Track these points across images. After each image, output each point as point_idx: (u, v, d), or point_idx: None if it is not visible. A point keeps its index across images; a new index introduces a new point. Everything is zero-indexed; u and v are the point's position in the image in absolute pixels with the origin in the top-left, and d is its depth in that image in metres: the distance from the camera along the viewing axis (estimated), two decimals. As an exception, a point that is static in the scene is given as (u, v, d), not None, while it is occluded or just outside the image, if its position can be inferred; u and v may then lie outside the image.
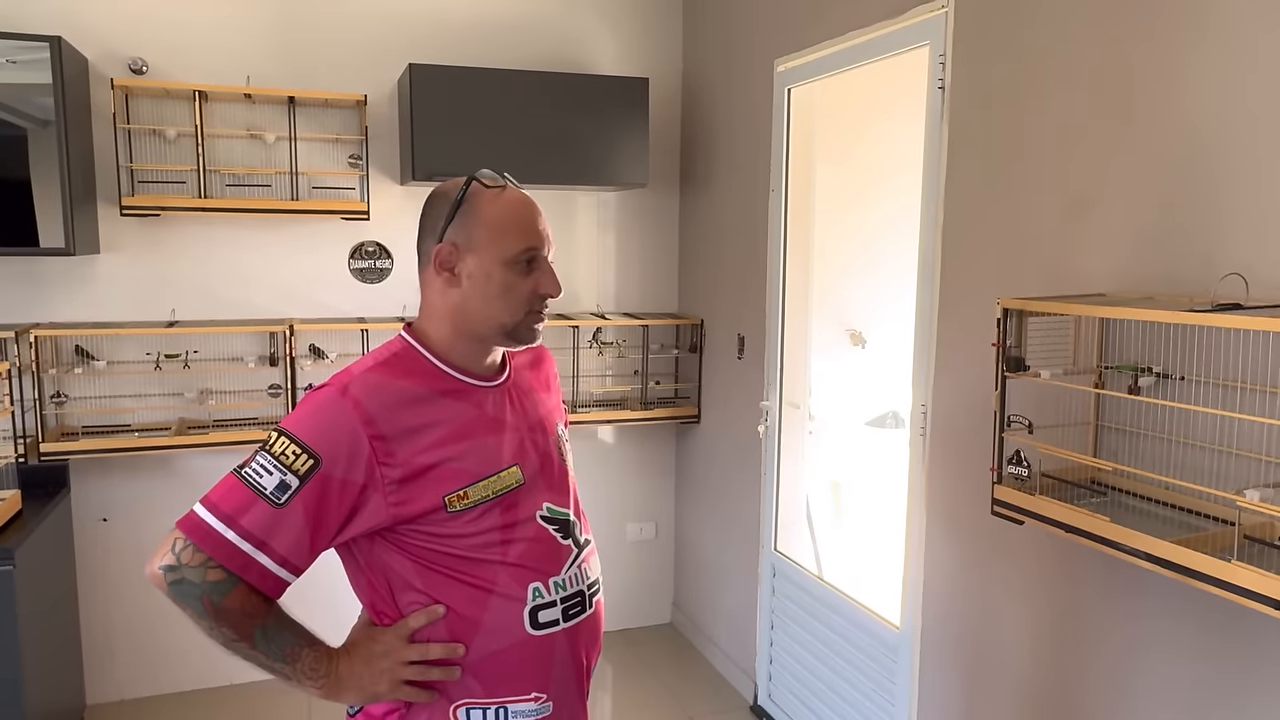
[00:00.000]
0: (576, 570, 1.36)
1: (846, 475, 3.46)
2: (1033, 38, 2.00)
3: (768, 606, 3.22)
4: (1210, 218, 1.62)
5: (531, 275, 1.31)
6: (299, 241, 3.39)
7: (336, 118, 3.34)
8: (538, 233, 1.31)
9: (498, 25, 3.54)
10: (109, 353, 3.16)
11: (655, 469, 3.99)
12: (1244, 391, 1.49)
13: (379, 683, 1.26)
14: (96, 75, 3.09)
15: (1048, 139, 1.97)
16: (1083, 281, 1.87)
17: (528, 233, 1.30)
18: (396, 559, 1.27)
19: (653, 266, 3.89)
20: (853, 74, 2.74)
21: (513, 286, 1.30)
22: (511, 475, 1.31)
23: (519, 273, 1.30)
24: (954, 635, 2.31)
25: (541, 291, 1.32)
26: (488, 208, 1.30)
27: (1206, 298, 1.53)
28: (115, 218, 3.13)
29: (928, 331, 2.35)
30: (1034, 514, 1.71)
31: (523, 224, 1.31)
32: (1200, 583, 1.40)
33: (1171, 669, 1.72)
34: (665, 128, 3.78)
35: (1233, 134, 1.58)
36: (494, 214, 1.30)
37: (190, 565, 1.16)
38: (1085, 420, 1.81)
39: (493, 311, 1.30)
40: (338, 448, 1.20)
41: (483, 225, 1.29)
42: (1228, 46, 1.58)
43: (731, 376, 3.46)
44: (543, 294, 1.32)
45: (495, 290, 1.29)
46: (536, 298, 1.32)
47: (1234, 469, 1.53)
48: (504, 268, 1.29)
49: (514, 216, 1.30)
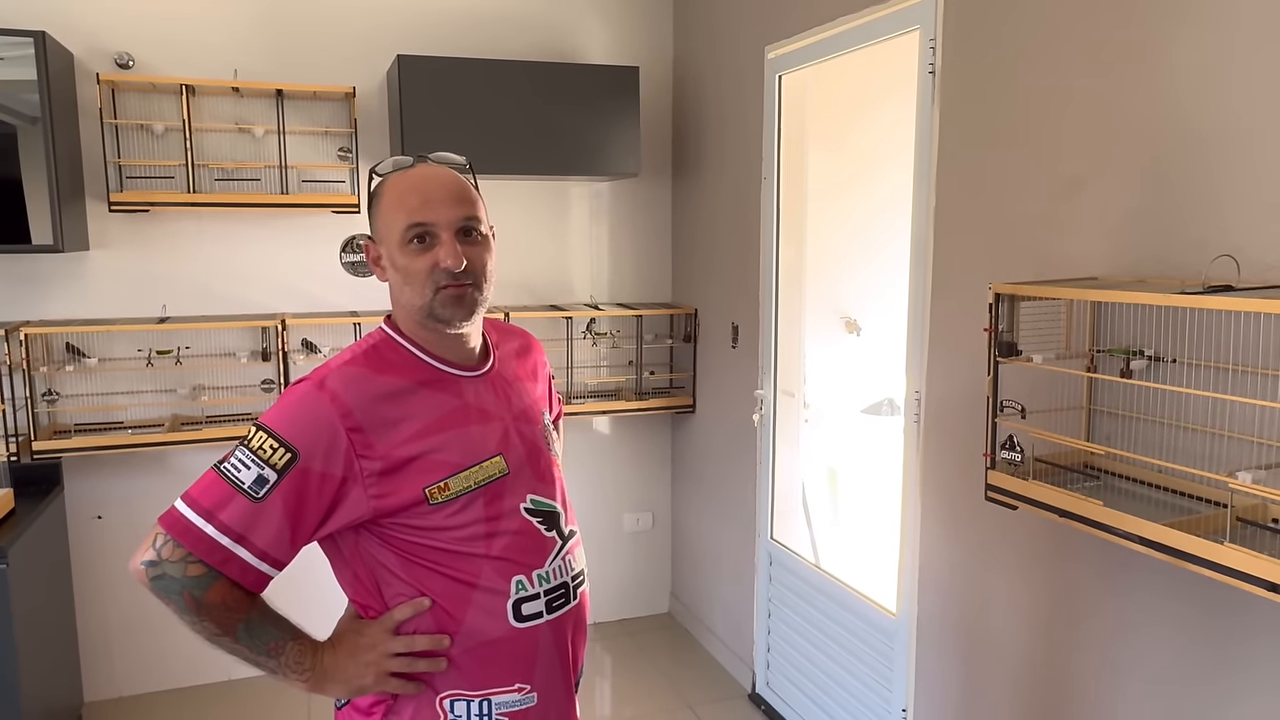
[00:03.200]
0: (561, 562, 1.35)
1: (842, 463, 3.46)
2: (1022, 22, 1.98)
3: (765, 595, 3.21)
4: (1201, 200, 1.61)
5: (430, 252, 1.27)
6: (289, 235, 3.37)
7: (325, 110, 3.32)
8: (422, 208, 1.27)
9: (486, 16, 3.52)
10: (100, 350, 3.15)
11: (651, 459, 3.99)
12: (1236, 373, 1.48)
13: (364, 675, 1.25)
14: (82, 70, 3.07)
15: (1038, 123, 1.95)
16: (1075, 265, 1.86)
17: (410, 210, 1.27)
18: (381, 552, 1.27)
19: (646, 256, 3.88)
20: (844, 60, 2.72)
21: (412, 268, 1.27)
22: (495, 465, 1.30)
23: (415, 252, 1.27)
24: (950, 621, 2.31)
25: (441, 265, 1.26)
26: (384, 196, 1.31)
27: (1198, 280, 1.52)
28: (104, 214, 3.11)
29: (921, 317, 2.34)
30: (1027, 499, 1.70)
31: (404, 203, 1.28)
32: (1194, 565, 1.40)
33: (1165, 652, 1.72)
34: (656, 117, 3.76)
35: (1222, 116, 1.57)
36: (387, 200, 1.30)
37: (171, 560, 1.16)
38: (1078, 404, 1.81)
39: (408, 297, 1.29)
40: (315, 441, 1.19)
41: (380, 215, 1.31)
42: (1214, 29, 1.57)
43: (726, 365, 3.45)
44: (443, 268, 1.26)
45: (401, 276, 1.29)
46: (440, 273, 1.26)
47: (1227, 451, 1.52)
48: (400, 251, 1.28)
49: (399, 198, 1.29)
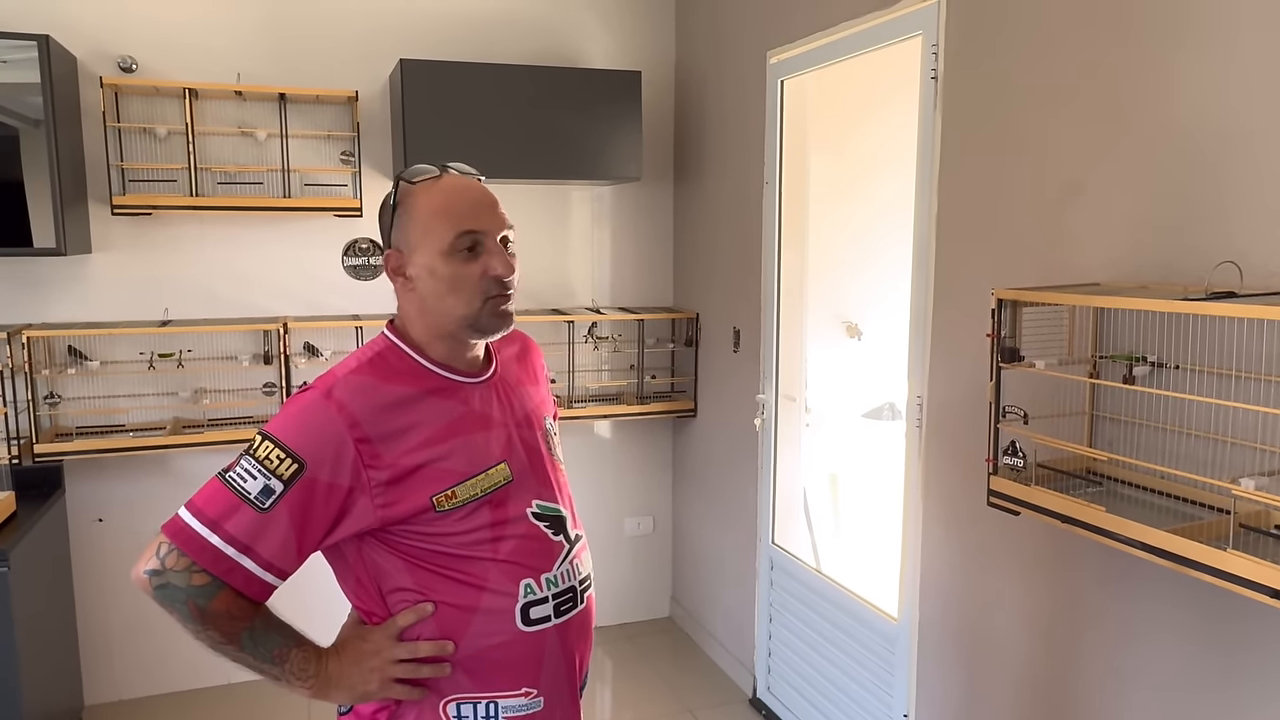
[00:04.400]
0: (568, 566, 1.35)
1: (844, 468, 3.46)
2: (1023, 28, 1.99)
3: (766, 599, 3.21)
4: (1204, 206, 1.61)
5: (478, 260, 1.27)
6: (292, 239, 3.38)
7: (328, 114, 3.32)
8: (472, 216, 1.26)
9: (489, 20, 3.52)
10: (102, 353, 3.15)
11: (652, 463, 3.98)
12: (1239, 380, 1.48)
13: (369, 681, 1.25)
14: (86, 74, 3.07)
15: (1040, 129, 1.96)
16: (1077, 271, 1.86)
17: (459, 218, 1.26)
18: (385, 558, 1.26)
19: (647, 260, 3.88)
20: (846, 65, 2.72)
21: (460, 276, 1.26)
22: (499, 472, 1.29)
23: (462, 261, 1.26)
24: (951, 626, 2.30)
25: (492, 274, 1.26)
26: (419, 203, 1.29)
27: (1200, 286, 1.52)
28: (106, 217, 3.11)
29: (923, 323, 2.34)
30: (1030, 504, 1.70)
31: (452, 211, 1.26)
32: (1196, 572, 1.40)
33: (1170, 659, 1.72)
34: (658, 121, 3.77)
35: (1223, 121, 1.57)
36: (424, 208, 1.28)
37: (175, 570, 1.16)
38: (1080, 410, 1.81)
39: (448, 307, 1.27)
40: (323, 451, 1.19)
41: (415, 222, 1.28)
42: (1215, 36, 1.57)
43: (727, 370, 3.45)
44: (494, 276, 1.27)
45: (444, 285, 1.26)
46: (490, 282, 1.27)
47: (1229, 457, 1.52)
48: (444, 259, 1.26)
49: (443, 205, 1.27)
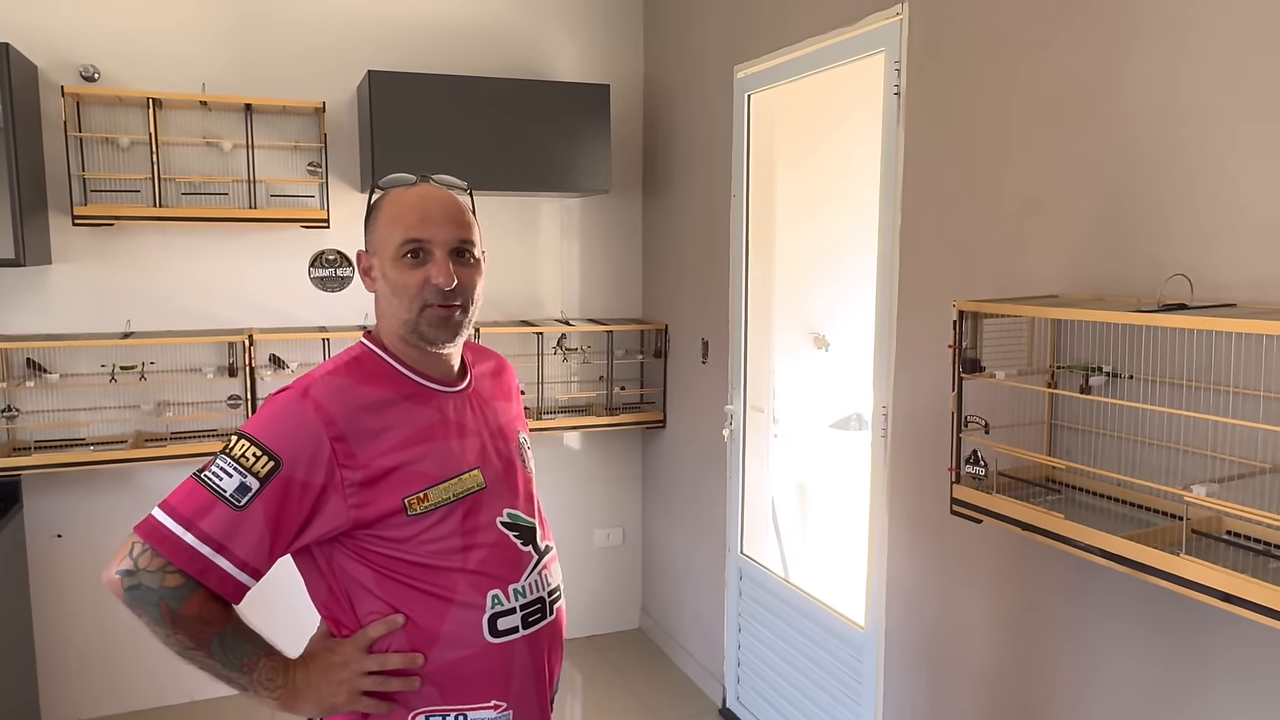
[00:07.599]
0: (537, 577, 1.35)
1: (811, 477, 3.49)
2: (983, 45, 2.03)
3: (735, 610, 3.23)
4: (1155, 221, 1.66)
5: (422, 269, 1.29)
6: (258, 250, 3.35)
7: (295, 125, 3.30)
8: (419, 225, 1.29)
9: (458, 32, 3.53)
10: (62, 365, 3.10)
11: (621, 474, 3.99)
12: (1190, 389, 1.52)
13: (337, 694, 1.25)
14: (46, 83, 3.03)
15: (999, 144, 2.00)
16: (1036, 283, 1.91)
17: (408, 226, 1.29)
18: (356, 568, 1.26)
19: (616, 272, 3.89)
20: (811, 80, 2.76)
21: (403, 283, 1.29)
22: (473, 478, 1.30)
23: (407, 267, 1.29)
24: (916, 633, 2.33)
25: (432, 282, 1.28)
26: (383, 209, 1.33)
27: (1153, 298, 1.57)
28: (67, 227, 3.07)
29: (887, 334, 2.38)
30: (992, 512, 1.73)
31: (404, 218, 1.30)
32: (1151, 576, 1.43)
33: (1126, 661, 1.75)
34: (627, 134, 3.79)
35: (1173, 138, 1.62)
36: (385, 214, 1.33)
37: (148, 570, 1.15)
38: (1040, 419, 1.85)
39: (394, 310, 1.31)
40: (299, 450, 1.19)
41: (376, 227, 1.33)
42: (1166, 55, 1.62)
43: (696, 381, 3.48)
44: (433, 284, 1.28)
45: (390, 288, 1.30)
46: (430, 290, 1.28)
47: (1183, 465, 1.57)
48: (393, 264, 1.30)
49: (398, 212, 1.31)
